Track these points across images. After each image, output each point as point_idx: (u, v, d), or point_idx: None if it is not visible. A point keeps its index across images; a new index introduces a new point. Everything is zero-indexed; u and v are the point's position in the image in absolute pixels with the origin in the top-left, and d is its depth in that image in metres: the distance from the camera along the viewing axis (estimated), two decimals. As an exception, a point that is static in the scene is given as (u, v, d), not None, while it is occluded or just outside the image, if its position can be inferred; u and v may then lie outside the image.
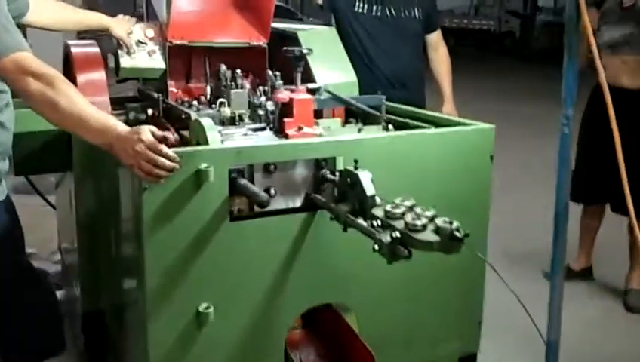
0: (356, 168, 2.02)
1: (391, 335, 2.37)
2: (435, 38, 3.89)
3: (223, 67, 2.83)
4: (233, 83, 2.76)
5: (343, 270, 2.27)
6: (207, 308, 2.02)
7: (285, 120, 2.40)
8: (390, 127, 2.72)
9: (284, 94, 2.43)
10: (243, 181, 2.11)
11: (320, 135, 2.42)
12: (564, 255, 2.48)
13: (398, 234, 1.73)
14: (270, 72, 2.64)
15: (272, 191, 2.19)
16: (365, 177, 2.01)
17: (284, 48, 2.57)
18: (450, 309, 2.46)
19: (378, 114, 2.78)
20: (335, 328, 2.44)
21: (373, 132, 2.70)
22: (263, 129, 2.49)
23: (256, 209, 2.15)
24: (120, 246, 2.44)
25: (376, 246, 1.76)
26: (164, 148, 1.87)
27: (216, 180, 2.00)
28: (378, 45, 3.65)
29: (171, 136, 2.23)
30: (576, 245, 4.20)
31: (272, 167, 2.17)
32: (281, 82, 2.54)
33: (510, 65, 19.89)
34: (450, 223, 1.71)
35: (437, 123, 2.61)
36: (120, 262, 2.45)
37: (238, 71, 2.81)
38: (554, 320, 2.44)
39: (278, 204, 2.21)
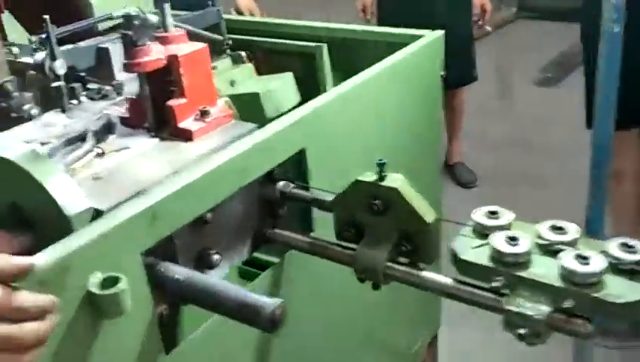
0: (382, 172, 1.08)
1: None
2: None
3: None
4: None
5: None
6: None
7: (173, 104, 1.25)
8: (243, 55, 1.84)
9: (149, 55, 1.25)
10: (165, 267, 1.02)
11: (236, 114, 1.35)
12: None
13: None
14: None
15: (215, 257, 1.14)
16: (416, 199, 1.08)
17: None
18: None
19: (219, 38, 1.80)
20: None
21: (247, 73, 1.78)
22: (100, 135, 1.29)
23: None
24: None
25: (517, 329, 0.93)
26: (24, 297, 0.73)
27: (133, 295, 0.90)
28: None
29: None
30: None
31: (209, 215, 1.10)
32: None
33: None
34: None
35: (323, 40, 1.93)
36: None
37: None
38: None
39: (222, 270, 1.17)
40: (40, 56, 1.58)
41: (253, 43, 2.04)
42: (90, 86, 1.68)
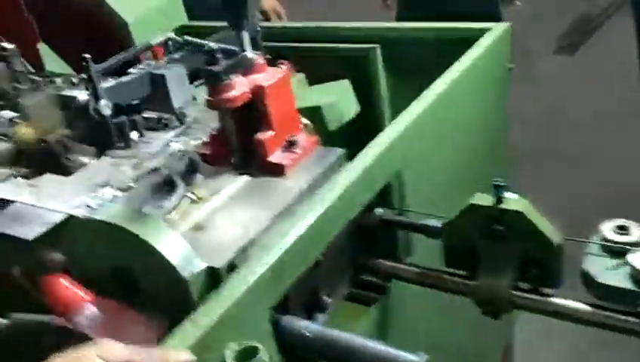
0: (500, 195, 1.01)
1: None
2: None
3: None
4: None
5: None
6: None
7: (262, 138, 1.18)
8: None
9: (235, 89, 1.16)
10: (289, 322, 0.96)
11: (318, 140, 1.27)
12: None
13: None
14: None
15: (326, 299, 1.08)
16: (540, 220, 1.01)
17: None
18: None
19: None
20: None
21: (298, 84, 1.68)
22: (187, 177, 1.21)
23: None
24: None
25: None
26: None
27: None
28: None
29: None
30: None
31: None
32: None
33: None
34: None
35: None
36: None
37: None
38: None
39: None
40: (83, 95, 1.51)
41: (289, 50, 1.95)
42: (146, 115, 1.60)
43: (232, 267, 0.95)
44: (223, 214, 1.07)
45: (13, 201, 1.31)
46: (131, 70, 1.63)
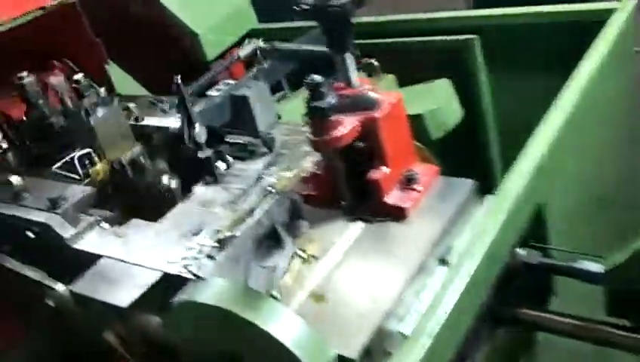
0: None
1: None
2: None
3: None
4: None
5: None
6: None
7: (376, 177, 1.00)
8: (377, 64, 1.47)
9: (343, 125, 0.98)
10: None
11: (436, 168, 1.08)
12: None
13: None
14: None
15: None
16: None
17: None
18: None
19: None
20: None
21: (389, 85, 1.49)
22: (292, 228, 1.04)
23: None
24: None
25: None
26: None
27: None
28: None
29: None
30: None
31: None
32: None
33: None
34: None
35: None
36: None
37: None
38: None
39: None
40: (173, 122, 1.37)
41: (375, 46, 1.75)
42: (229, 139, 1.45)
43: (367, 353, 0.78)
44: (343, 277, 0.91)
45: (101, 256, 1.19)
46: (211, 92, 1.48)
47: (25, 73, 1.46)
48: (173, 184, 1.36)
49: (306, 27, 1.98)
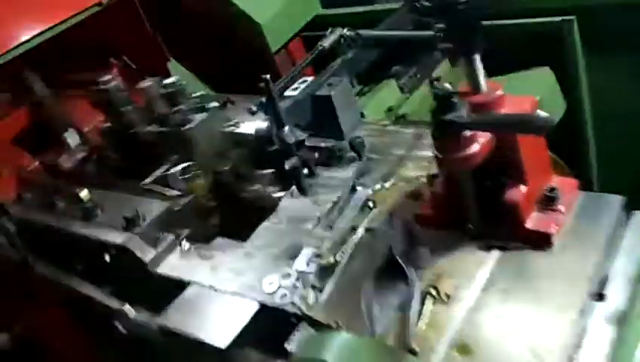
0: None
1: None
2: None
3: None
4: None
5: None
6: None
7: (514, 199, 0.86)
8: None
9: (478, 139, 0.84)
10: None
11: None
12: None
13: None
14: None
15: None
16: None
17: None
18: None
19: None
20: None
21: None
22: (413, 258, 0.91)
23: None
24: None
25: None
26: None
27: None
28: None
29: None
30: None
31: None
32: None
33: None
34: None
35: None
36: None
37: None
38: None
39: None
40: (260, 124, 1.25)
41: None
42: (310, 143, 1.32)
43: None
44: (488, 322, 0.77)
45: (188, 282, 1.08)
46: (288, 92, 1.34)
47: (109, 76, 1.35)
48: (279, 193, 1.25)
49: (372, 12, 1.83)
